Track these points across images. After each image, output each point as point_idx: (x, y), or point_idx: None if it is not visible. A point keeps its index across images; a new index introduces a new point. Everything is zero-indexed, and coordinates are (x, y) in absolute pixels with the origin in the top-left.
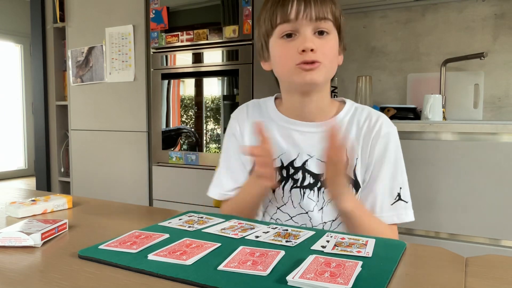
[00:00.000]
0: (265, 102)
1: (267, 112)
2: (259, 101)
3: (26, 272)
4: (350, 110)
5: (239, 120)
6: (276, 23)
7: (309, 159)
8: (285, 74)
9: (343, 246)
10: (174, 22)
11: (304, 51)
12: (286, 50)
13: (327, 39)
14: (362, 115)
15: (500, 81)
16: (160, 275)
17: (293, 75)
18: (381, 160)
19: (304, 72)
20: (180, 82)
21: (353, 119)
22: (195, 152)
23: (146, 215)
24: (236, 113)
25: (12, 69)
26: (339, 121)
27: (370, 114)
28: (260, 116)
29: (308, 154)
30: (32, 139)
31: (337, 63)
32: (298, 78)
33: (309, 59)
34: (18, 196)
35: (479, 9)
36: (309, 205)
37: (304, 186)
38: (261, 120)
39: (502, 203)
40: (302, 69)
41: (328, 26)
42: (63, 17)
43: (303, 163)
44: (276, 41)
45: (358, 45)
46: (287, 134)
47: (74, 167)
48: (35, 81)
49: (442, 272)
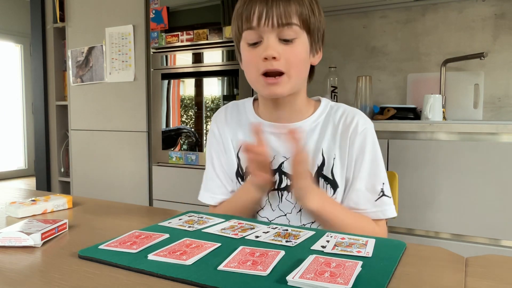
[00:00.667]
0: (244, 103)
1: (245, 114)
2: (238, 102)
3: (26, 272)
4: (326, 109)
5: (218, 123)
6: (242, 29)
7: (285, 161)
8: (251, 82)
9: (343, 246)
10: (174, 22)
11: (267, 59)
12: (251, 57)
13: (293, 46)
14: (337, 113)
15: (500, 81)
16: (160, 275)
17: (258, 85)
18: (361, 157)
19: (267, 85)
20: (180, 82)
21: (329, 118)
22: (195, 152)
23: (146, 215)
24: (215, 116)
25: (12, 69)
26: (314, 121)
27: (345, 112)
28: (238, 118)
29: (284, 156)
30: (32, 139)
31: (307, 68)
32: (262, 90)
33: (271, 68)
34: (18, 196)
35: (479, 9)
36: (287, 207)
37: (281, 189)
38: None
39: (502, 203)
40: (265, 82)
41: (293, 31)
42: (63, 17)
43: (279, 165)
44: (244, 47)
45: (358, 45)
46: (264, 137)
47: (74, 167)
48: (35, 81)
49: (442, 272)
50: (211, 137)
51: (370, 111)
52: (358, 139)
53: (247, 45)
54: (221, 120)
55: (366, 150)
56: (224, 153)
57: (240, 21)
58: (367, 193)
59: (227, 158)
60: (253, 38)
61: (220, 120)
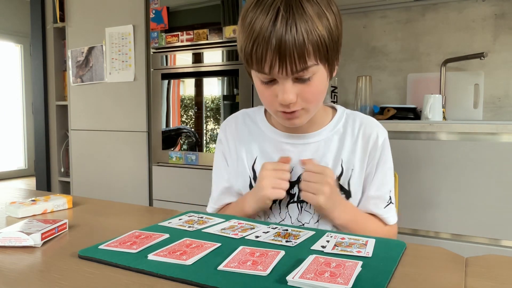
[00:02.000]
0: (255, 113)
1: (257, 124)
2: (248, 111)
3: (26, 272)
4: (342, 117)
5: (227, 134)
6: (252, 66)
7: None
8: (269, 112)
9: (343, 246)
10: (174, 22)
11: None
12: (266, 95)
13: (310, 84)
14: (355, 123)
15: (500, 81)
16: (160, 275)
17: (276, 116)
18: (376, 167)
19: (286, 119)
20: (180, 82)
21: (346, 127)
22: (195, 152)
23: (146, 215)
24: (225, 126)
25: (12, 69)
26: (331, 130)
27: (363, 122)
28: (250, 129)
29: (302, 167)
30: (32, 139)
31: (325, 93)
32: (281, 121)
33: (288, 111)
34: (18, 196)
35: (479, 9)
36: (306, 217)
37: (301, 201)
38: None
39: (502, 203)
40: (284, 116)
41: (310, 71)
42: (63, 17)
43: (298, 176)
44: (256, 77)
45: (358, 45)
46: (280, 147)
47: (74, 167)
48: (35, 81)
49: (442, 272)
50: (219, 147)
51: (370, 111)
52: (378, 152)
53: (260, 81)
54: (232, 131)
55: (382, 160)
56: (235, 164)
57: (250, 59)
58: (378, 200)
59: (238, 170)
60: (266, 78)
61: (231, 131)
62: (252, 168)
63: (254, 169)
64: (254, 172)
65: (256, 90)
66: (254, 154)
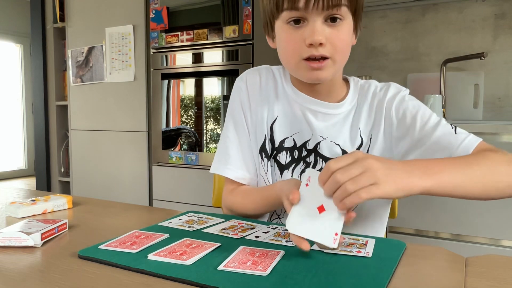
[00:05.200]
0: (280, 72)
1: (282, 84)
2: (272, 68)
3: (26, 272)
4: (356, 88)
5: (249, 86)
6: (282, 7)
7: (321, 141)
8: (290, 67)
9: (343, 246)
10: (174, 22)
11: (312, 45)
12: (293, 40)
13: (339, 28)
14: (370, 91)
15: (500, 81)
16: (160, 275)
17: (299, 70)
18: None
19: (311, 70)
20: (180, 82)
21: (362, 98)
22: (195, 152)
23: (146, 215)
24: (247, 77)
25: (12, 69)
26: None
27: (378, 87)
28: (274, 87)
29: (321, 136)
30: (32, 139)
31: (349, 50)
32: (304, 74)
33: (317, 54)
34: (18, 196)
35: (479, 9)
36: None
37: None
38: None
39: (502, 203)
40: (309, 66)
41: (342, 12)
42: (63, 17)
43: (315, 145)
44: (282, 27)
45: (358, 45)
46: (302, 112)
47: (74, 167)
48: (35, 81)
49: (442, 272)
50: (237, 100)
51: None
52: (396, 104)
53: (287, 25)
54: (255, 84)
55: (409, 107)
56: (250, 121)
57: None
58: (444, 135)
59: (254, 127)
60: (296, 15)
61: (253, 83)
62: (271, 128)
63: (272, 129)
64: (272, 131)
65: (279, 46)
66: (276, 113)
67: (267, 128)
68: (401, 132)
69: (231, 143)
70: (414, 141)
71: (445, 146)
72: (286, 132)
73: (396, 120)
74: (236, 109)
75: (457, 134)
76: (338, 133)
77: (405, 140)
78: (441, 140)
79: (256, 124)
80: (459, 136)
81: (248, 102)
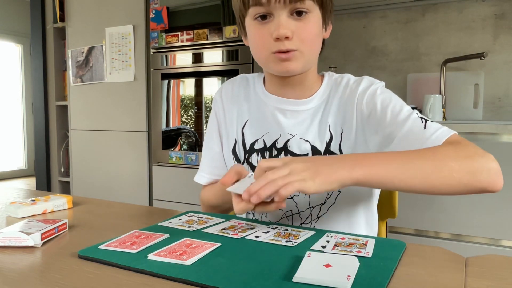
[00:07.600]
0: (254, 78)
1: (254, 88)
2: (247, 76)
3: (26, 272)
4: (329, 82)
5: (222, 94)
6: (248, 4)
7: (291, 139)
8: (261, 61)
9: (343, 246)
10: (174, 22)
11: (279, 39)
12: (260, 35)
13: (305, 21)
14: (341, 84)
15: (500, 81)
16: (160, 275)
17: (269, 63)
18: (382, 111)
19: (280, 62)
20: (180, 82)
21: (334, 91)
22: (195, 152)
23: (146, 215)
24: (222, 89)
25: (12, 69)
26: (320, 97)
27: (350, 79)
28: (246, 91)
29: (290, 133)
30: (32, 139)
31: (320, 43)
32: (274, 67)
33: (284, 48)
34: (18, 196)
35: (479, 9)
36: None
37: None
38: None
39: (502, 203)
40: (277, 58)
41: (307, 5)
42: (63, 17)
43: (285, 143)
44: (251, 23)
45: (358, 45)
46: (271, 113)
47: (74, 167)
48: (35, 81)
49: (442, 272)
50: (213, 115)
51: None
52: (367, 97)
53: (255, 21)
54: (228, 94)
55: (380, 100)
56: (225, 128)
57: None
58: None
59: (226, 134)
60: (262, 13)
61: (226, 93)
62: (242, 132)
63: (243, 132)
64: (243, 135)
65: (250, 42)
66: (246, 117)
67: (238, 132)
68: (373, 126)
69: (205, 152)
70: (385, 135)
71: (415, 139)
72: (257, 134)
73: (367, 113)
74: (211, 121)
75: (427, 127)
76: (307, 129)
77: (377, 134)
78: (410, 134)
79: (230, 128)
80: (429, 129)
81: (223, 111)
